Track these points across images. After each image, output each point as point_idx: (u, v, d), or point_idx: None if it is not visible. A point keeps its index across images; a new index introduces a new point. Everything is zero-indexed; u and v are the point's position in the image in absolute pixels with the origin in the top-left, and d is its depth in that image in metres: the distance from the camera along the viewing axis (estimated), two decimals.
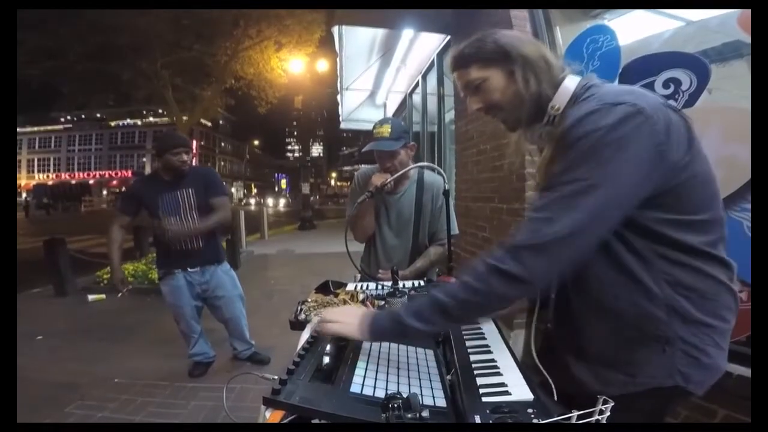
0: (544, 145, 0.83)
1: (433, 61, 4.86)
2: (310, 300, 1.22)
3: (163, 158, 2.32)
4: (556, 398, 0.72)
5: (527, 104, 0.81)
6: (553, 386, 0.77)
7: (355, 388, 0.67)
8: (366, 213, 1.71)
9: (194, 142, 35.87)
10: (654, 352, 0.75)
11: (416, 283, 1.41)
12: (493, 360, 0.80)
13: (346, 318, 0.81)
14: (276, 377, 0.65)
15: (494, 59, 0.82)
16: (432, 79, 5.03)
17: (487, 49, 0.83)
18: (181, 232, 2.31)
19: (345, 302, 1.05)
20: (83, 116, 40.47)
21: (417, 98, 5.87)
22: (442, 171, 1.59)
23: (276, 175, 77.66)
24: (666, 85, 1.55)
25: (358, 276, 1.78)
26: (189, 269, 2.42)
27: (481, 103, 0.86)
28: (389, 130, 1.60)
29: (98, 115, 40.46)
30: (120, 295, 2.54)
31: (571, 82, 0.81)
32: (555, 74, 0.82)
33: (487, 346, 0.88)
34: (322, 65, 10.90)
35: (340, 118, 8.46)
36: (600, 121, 0.68)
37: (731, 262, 0.77)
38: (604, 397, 0.61)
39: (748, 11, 1.25)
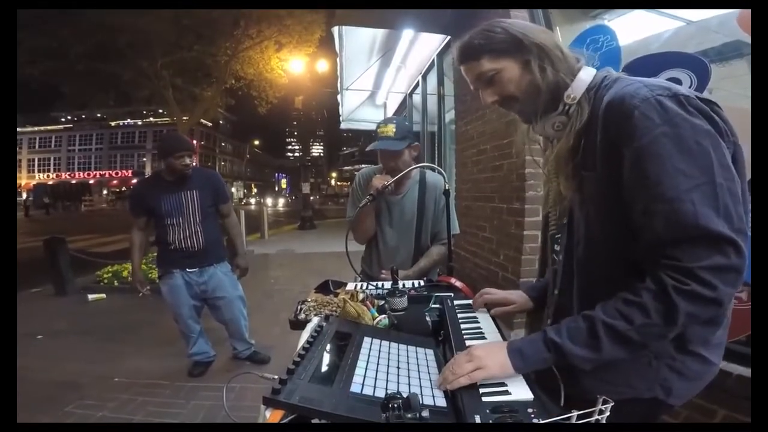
0: (557, 136, 0.80)
1: (433, 61, 4.86)
2: (310, 300, 1.22)
3: (166, 161, 2.32)
4: (563, 402, 0.70)
5: (544, 94, 0.77)
6: (562, 389, 0.73)
7: (355, 387, 0.67)
8: (367, 215, 1.70)
9: (194, 142, 35.88)
10: (639, 363, 0.74)
11: (416, 282, 1.40)
12: None
13: (490, 356, 0.69)
14: (276, 377, 0.65)
15: (507, 49, 0.78)
16: (432, 80, 5.04)
17: (498, 39, 0.78)
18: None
19: (345, 302, 1.05)
20: (83, 116, 40.56)
21: (417, 98, 5.88)
22: (442, 170, 1.59)
23: (276, 174, 77.84)
24: None
25: (359, 276, 1.78)
26: (187, 269, 2.42)
27: (496, 95, 0.82)
28: (394, 129, 1.59)
29: (98, 115, 40.51)
30: (141, 295, 2.54)
31: (587, 74, 0.78)
32: (571, 63, 0.78)
33: None
34: (322, 65, 10.90)
35: (341, 118, 8.48)
36: (663, 112, 0.65)
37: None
38: (603, 397, 0.61)
39: (748, 11, 1.25)
